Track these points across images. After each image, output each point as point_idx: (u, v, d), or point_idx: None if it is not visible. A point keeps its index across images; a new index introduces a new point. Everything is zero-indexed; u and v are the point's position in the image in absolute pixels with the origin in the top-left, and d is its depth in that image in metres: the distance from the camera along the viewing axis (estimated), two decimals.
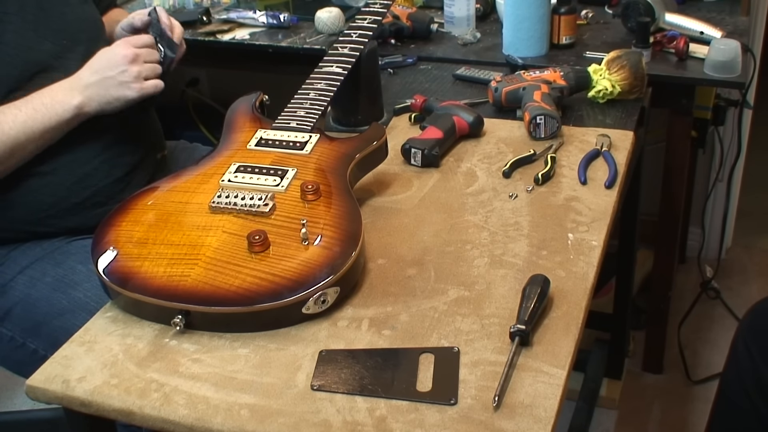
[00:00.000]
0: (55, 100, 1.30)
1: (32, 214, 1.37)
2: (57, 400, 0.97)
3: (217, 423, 0.90)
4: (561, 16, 1.74)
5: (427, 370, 0.95)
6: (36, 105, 1.29)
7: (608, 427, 2.03)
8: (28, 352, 1.33)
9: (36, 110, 1.29)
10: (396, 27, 1.86)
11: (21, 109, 1.28)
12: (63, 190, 1.37)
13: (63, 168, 1.36)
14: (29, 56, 1.34)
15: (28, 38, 1.35)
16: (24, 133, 1.28)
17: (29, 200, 1.36)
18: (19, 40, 1.33)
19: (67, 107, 1.30)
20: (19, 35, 1.33)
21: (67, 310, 1.29)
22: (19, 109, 1.28)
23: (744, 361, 1.37)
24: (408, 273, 1.11)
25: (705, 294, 2.34)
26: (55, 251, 1.38)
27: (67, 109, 1.30)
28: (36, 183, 1.35)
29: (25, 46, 1.34)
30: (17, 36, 1.33)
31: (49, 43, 1.37)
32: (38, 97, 1.30)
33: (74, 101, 1.31)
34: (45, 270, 1.35)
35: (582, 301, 1.04)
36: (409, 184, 1.32)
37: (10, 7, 1.34)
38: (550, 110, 1.41)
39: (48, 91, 1.31)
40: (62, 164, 1.36)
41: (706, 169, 2.39)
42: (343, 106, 1.48)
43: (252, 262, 1.03)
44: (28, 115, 1.28)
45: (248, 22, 1.99)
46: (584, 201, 1.24)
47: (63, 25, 1.40)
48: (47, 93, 1.31)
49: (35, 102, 1.29)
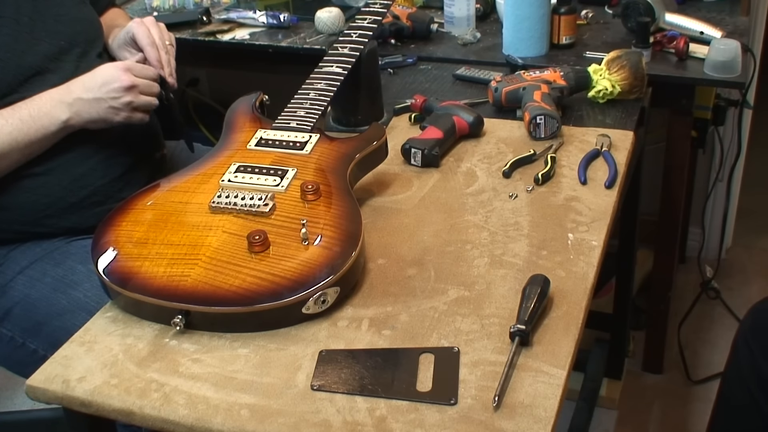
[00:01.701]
0: (42, 113, 1.29)
1: (29, 214, 1.37)
2: (57, 400, 0.97)
3: (217, 423, 0.90)
4: (561, 16, 1.74)
5: (427, 370, 0.95)
6: (23, 116, 1.27)
7: (608, 427, 2.03)
8: (27, 352, 1.33)
9: (23, 121, 1.27)
10: (396, 27, 1.86)
11: (8, 120, 1.26)
12: (59, 190, 1.37)
13: (58, 168, 1.36)
14: (23, 60, 1.33)
15: (23, 41, 1.34)
16: (9, 144, 1.27)
17: (24, 201, 1.35)
18: (13, 43, 1.32)
19: (54, 121, 1.29)
20: (14, 39, 1.33)
21: (66, 310, 1.29)
22: (6, 120, 1.26)
23: (745, 360, 1.37)
24: (408, 273, 1.11)
25: (705, 294, 2.34)
26: (54, 251, 1.38)
27: (54, 123, 1.30)
28: (31, 183, 1.34)
29: (19, 50, 1.33)
30: (11, 39, 1.32)
31: (45, 46, 1.36)
32: (25, 108, 1.28)
33: (62, 116, 1.30)
34: (45, 270, 1.35)
35: (582, 301, 1.04)
36: (409, 184, 1.32)
37: (6, 11, 1.33)
38: (550, 110, 1.41)
39: (36, 101, 1.29)
40: (57, 164, 1.35)
41: (706, 169, 2.39)
42: (343, 106, 1.48)
43: (252, 262, 1.03)
44: (14, 126, 1.27)
45: (248, 22, 1.99)
46: (584, 201, 1.24)
47: (59, 27, 1.39)
48: (35, 104, 1.29)
49: (22, 113, 1.28)
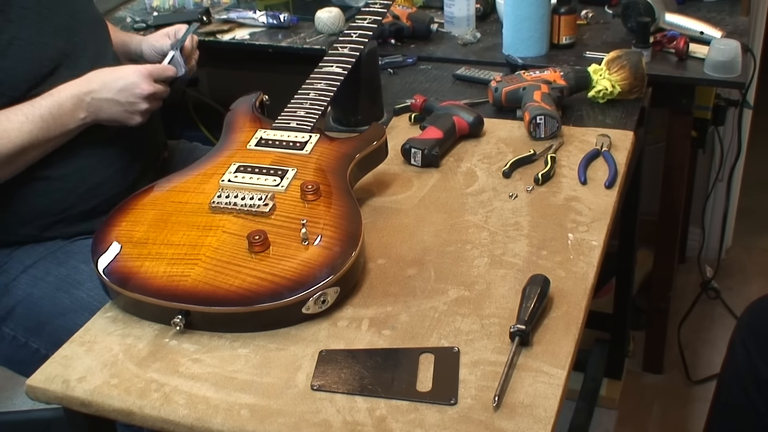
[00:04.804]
0: (63, 111, 1.29)
1: (40, 218, 1.36)
2: (57, 400, 0.97)
3: (217, 423, 0.90)
4: (561, 16, 1.74)
5: (427, 370, 0.95)
6: (43, 114, 1.28)
7: (608, 427, 2.03)
8: (30, 352, 1.33)
9: (43, 120, 1.27)
10: (396, 27, 1.86)
11: (28, 117, 1.27)
12: (74, 198, 1.37)
13: (74, 175, 1.36)
14: (45, 53, 1.33)
15: (44, 34, 1.34)
16: (30, 142, 1.27)
17: (38, 205, 1.35)
18: (36, 36, 1.32)
19: (73, 119, 1.31)
20: (36, 31, 1.32)
21: (69, 310, 1.29)
22: (26, 117, 1.26)
23: (742, 359, 1.37)
24: (408, 273, 1.11)
25: (705, 294, 2.34)
26: (57, 251, 1.37)
27: (73, 121, 1.31)
28: (46, 187, 1.34)
29: (41, 43, 1.33)
30: (34, 32, 1.32)
31: (62, 41, 1.36)
32: (46, 105, 1.28)
33: (81, 114, 1.31)
34: (48, 269, 1.35)
35: (582, 301, 1.04)
36: (409, 184, 1.32)
37: (27, 2, 1.32)
38: (550, 110, 1.41)
39: (56, 97, 1.29)
40: (73, 171, 1.36)
41: (706, 169, 2.39)
42: (343, 106, 1.48)
43: (252, 262, 1.03)
44: (35, 124, 1.27)
45: (248, 22, 1.99)
46: (584, 201, 1.24)
47: (74, 24, 1.40)
48: (55, 102, 1.29)
49: (43, 110, 1.28)
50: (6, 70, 1.28)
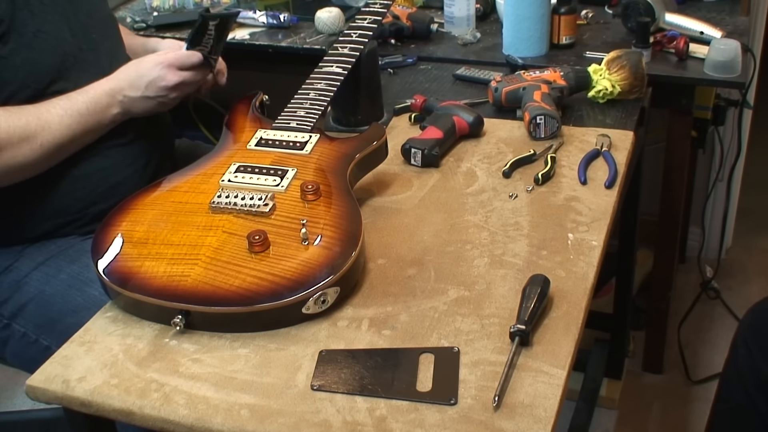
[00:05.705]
0: (99, 108, 1.31)
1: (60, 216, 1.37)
2: (57, 400, 0.98)
3: (217, 423, 0.90)
4: (561, 16, 1.74)
5: (427, 370, 0.95)
6: (80, 109, 1.30)
7: (608, 427, 2.03)
8: (40, 349, 1.32)
9: (81, 115, 1.29)
10: (396, 27, 1.86)
11: (66, 111, 1.28)
12: (94, 196, 1.38)
13: (96, 174, 1.37)
14: (65, 47, 1.34)
15: (63, 29, 1.35)
16: (69, 137, 1.29)
17: (59, 202, 1.36)
18: (56, 31, 1.33)
19: (107, 115, 1.33)
20: (56, 26, 1.33)
21: (82, 308, 1.28)
22: (65, 111, 1.28)
23: (744, 360, 1.37)
24: (408, 273, 1.11)
25: (705, 294, 2.34)
26: (69, 248, 1.37)
27: (107, 117, 1.33)
28: (69, 186, 1.35)
29: (61, 37, 1.34)
30: (54, 27, 1.33)
31: (81, 37, 1.37)
32: (82, 101, 1.30)
33: (114, 110, 1.33)
34: (60, 267, 1.35)
35: (582, 301, 1.04)
36: (409, 184, 1.32)
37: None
38: (550, 110, 1.41)
39: (91, 94, 1.31)
40: (96, 170, 1.37)
41: (706, 169, 2.39)
42: (343, 106, 1.48)
43: (252, 262, 1.03)
44: (74, 118, 1.29)
45: (248, 22, 1.99)
46: (584, 201, 1.24)
47: (91, 21, 1.41)
48: (91, 98, 1.31)
49: (80, 105, 1.30)
50: (32, 62, 1.29)
